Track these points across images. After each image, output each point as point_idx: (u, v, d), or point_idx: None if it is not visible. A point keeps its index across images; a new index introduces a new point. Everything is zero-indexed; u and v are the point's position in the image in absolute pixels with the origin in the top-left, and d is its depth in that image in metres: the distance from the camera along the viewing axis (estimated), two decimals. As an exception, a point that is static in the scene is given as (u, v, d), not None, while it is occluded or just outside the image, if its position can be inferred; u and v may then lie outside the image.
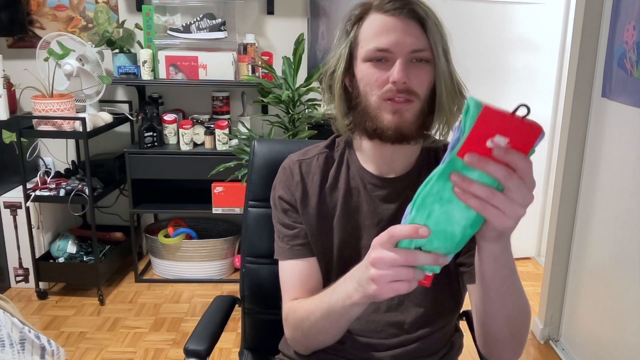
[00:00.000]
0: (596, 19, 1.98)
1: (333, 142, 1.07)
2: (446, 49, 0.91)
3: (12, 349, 1.69)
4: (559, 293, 2.25)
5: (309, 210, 1.00)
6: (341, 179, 1.01)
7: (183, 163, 2.64)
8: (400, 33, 0.88)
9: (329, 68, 0.97)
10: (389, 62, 0.89)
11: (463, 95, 0.94)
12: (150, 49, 2.65)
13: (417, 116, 0.90)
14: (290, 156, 1.07)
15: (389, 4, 0.89)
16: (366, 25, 0.92)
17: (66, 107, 2.45)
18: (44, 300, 2.61)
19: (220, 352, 2.20)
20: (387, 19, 0.89)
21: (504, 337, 0.86)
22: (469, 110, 0.60)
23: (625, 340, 1.78)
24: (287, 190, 1.02)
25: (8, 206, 2.57)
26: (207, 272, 2.80)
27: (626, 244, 1.78)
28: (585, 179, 2.09)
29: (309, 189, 1.01)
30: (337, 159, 1.03)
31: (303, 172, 1.02)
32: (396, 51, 0.88)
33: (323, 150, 1.05)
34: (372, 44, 0.89)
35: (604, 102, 1.95)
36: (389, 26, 0.89)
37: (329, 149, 1.06)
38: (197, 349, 1.07)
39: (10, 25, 2.75)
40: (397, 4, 0.89)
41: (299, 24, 2.87)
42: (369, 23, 0.91)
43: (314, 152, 1.05)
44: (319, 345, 0.97)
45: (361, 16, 0.93)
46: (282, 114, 2.46)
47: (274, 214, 1.04)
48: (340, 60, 0.94)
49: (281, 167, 1.06)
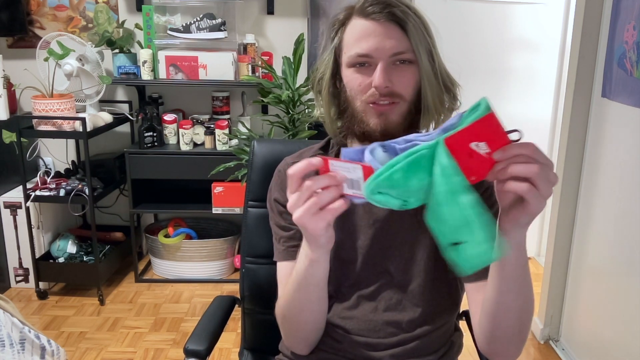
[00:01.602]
0: (596, 19, 1.98)
1: (327, 144, 1.07)
2: (430, 48, 0.92)
3: (12, 349, 1.69)
4: (559, 293, 2.25)
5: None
6: None
7: (183, 163, 2.64)
8: (380, 37, 0.89)
9: (317, 74, 0.99)
10: (371, 67, 0.90)
11: (453, 94, 0.95)
12: (150, 49, 2.65)
13: (404, 117, 0.91)
14: (285, 159, 1.08)
15: (369, 8, 0.90)
16: (348, 30, 0.93)
17: (66, 107, 2.45)
18: (44, 300, 2.61)
19: (220, 352, 2.20)
20: (367, 23, 0.90)
21: (512, 333, 0.86)
22: (478, 108, 0.63)
23: (625, 340, 1.78)
24: (282, 193, 1.01)
25: (8, 206, 2.57)
26: (207, 272, 2.80)
27: (626, 244, 1.78)
28: (585, 179, 2.09)
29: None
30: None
31: None
32: (377, 56, 0.89)
33: (317, 151, 1.05)
34: (354, 50, 0.91)
35: (604, 102, 1.95)
36: (369, 31, 0.89)
37: (323, 150, 1.06)
38: (196, 349, 1.07)
39: (10, 25, 2.75)
40: (376, 7, 0.89)
41: (299, 24, 2.87)
42: (351, 28, 0.93)
43: (309, 153, 1.06)
44: (306, 332, 0.97)
45: (344, 21, 0.94)
46: (282, 114, 2.46)
47: (271, 216, 1.05)
48: (326, 66, 0.97)
49: (276, 170, 1.06)
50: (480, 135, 0.64)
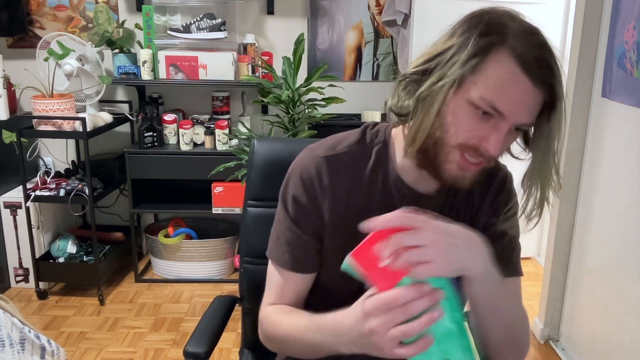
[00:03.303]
0: (596, 19, 1.98)
1: (364, 136, 0.94)
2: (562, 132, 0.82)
3: (12, 349, 1.69)
4: (559, 293, 2.25)
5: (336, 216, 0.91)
6: (377, 187, 0.91)
7: (183, 163, 2.64)
8: (525, 105, 0.76)
9: (435, 75, 0.78)
10: (493, 119, 0.77)
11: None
12: (150, 49, 2.65)
13: (480, 172, 0.83)
14: (312, 149, 0.93)
15: (534, 65, 0.74)
16: (496, 65, 0.75)
17: (66, 107, 2.45)
18: (44, 300, 2.61)
19: (221, 352, 2.20)
20: (522, 79, 0.74)
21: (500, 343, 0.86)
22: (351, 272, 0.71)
23: (626, 340, 1.78)
24: (307, 193, 0.91)
25: (8, 206, 2.57)
26: (207, 272, 2.80)
27: (626, 244, 1.78)
28: (585, 179, 2.09)
29: (337, 192, 0.91)
30: (372, 159, 0.92)
31: (332, 172, 0.91)
32: (509, 119, 0.76)
33: (353, 146, 0.93)
34: (491, 97, 0.75)
35: (604, 102, 1.95)
36: (519, 91, 0.75)
37: (359, 145, 0.93)
38: (196, 352, 1.06)
39: (10, 25, 2.75)
40: (541, 73, 0.74)
41: (299, 24, 2.87)
42: (500, 67, 0.75)
43: (343, 146, 0.93)
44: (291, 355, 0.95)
45: (496, 45, 0.75)
46: (282, 114, 2.46)
47: (282, 213, 0.95)
48: (450, 77, 0.77)
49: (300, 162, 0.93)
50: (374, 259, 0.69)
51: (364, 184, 0.91)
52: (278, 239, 0.96)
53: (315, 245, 0.94)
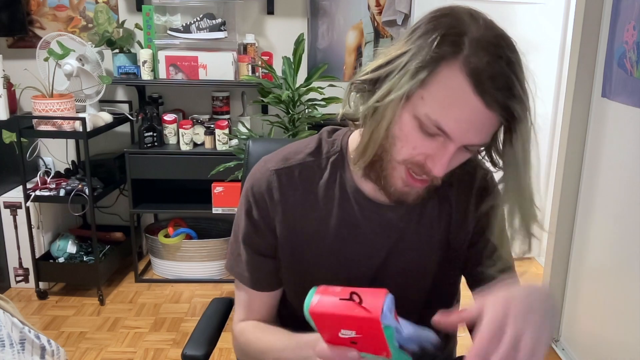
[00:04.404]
0: (596, 19, 1.98)
1: (319, 146, 0.89)
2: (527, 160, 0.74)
3: (12, 349, 1.69)
4: (559, 293, 2.25)
5: (288, 233, 0.88)
6: (334, 201, 0.86)
7: (183, 163, 2.64)
8: (476, 129, 0.69)
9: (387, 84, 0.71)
10: (440, 137, 0.71)
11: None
12: (150, 49, 2.65)
13: (426, 188, 0.79)
14: (265, 161, 0.89)
15: (488, 83, 0.65)
16: (446, 80, 0.67)
17: (66, 107, 2.45)
18: (44, 300, 2.61)
19: (221, 352, 2.21)
20: (474, 102, 0.66)
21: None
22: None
23: (626, 340, 1.78)
24: (259, 209, 0.88)
25: (8, 206, 2.57)
26: (207, 272, 2.80)
27: (626, 244, 1.78)
28: (585, 179, 2.09)
29: (288, 208, 0.87)
30: (327, 171, 0.87)
31: (283, 186, 0.86)
32: (455, 140, 0.70)
33: (307, 157, 0.88)
34: (435, 115, 0.68)
35: (604, 102, 1.95)
36: (469, 113, 0.67)
37: (314, 155, 0.88)
38: (194, 355, 1.05)
39: (10, 25, 2.75)
40: (499, 94, 0.66)
41: (299, 24, 2.87)
42: (449, 82, 0.66)
43: (296, 159, 0.88)
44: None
45: (447, 56, 0.67)
46: (282, 114, 2.46)
47: (239, 229, 0.93)
48: (401, 87, 0.69)
49: (252, 175, 0.89)
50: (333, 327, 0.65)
51: (319, 198, 0.86)
52: (239, 256, 0.94)
53: (274, 263, 0.92)
